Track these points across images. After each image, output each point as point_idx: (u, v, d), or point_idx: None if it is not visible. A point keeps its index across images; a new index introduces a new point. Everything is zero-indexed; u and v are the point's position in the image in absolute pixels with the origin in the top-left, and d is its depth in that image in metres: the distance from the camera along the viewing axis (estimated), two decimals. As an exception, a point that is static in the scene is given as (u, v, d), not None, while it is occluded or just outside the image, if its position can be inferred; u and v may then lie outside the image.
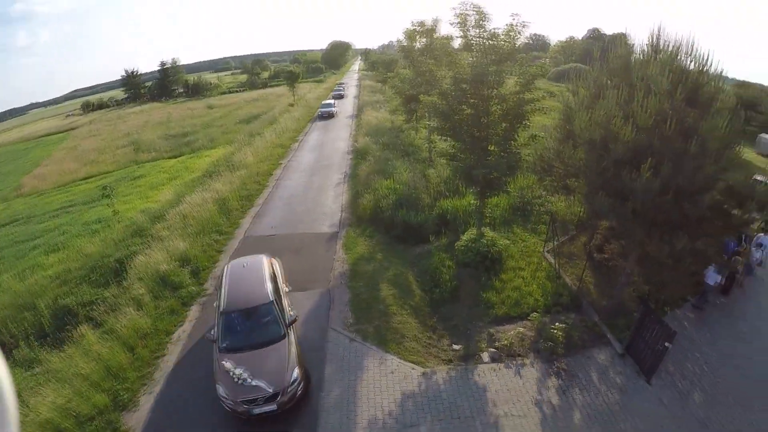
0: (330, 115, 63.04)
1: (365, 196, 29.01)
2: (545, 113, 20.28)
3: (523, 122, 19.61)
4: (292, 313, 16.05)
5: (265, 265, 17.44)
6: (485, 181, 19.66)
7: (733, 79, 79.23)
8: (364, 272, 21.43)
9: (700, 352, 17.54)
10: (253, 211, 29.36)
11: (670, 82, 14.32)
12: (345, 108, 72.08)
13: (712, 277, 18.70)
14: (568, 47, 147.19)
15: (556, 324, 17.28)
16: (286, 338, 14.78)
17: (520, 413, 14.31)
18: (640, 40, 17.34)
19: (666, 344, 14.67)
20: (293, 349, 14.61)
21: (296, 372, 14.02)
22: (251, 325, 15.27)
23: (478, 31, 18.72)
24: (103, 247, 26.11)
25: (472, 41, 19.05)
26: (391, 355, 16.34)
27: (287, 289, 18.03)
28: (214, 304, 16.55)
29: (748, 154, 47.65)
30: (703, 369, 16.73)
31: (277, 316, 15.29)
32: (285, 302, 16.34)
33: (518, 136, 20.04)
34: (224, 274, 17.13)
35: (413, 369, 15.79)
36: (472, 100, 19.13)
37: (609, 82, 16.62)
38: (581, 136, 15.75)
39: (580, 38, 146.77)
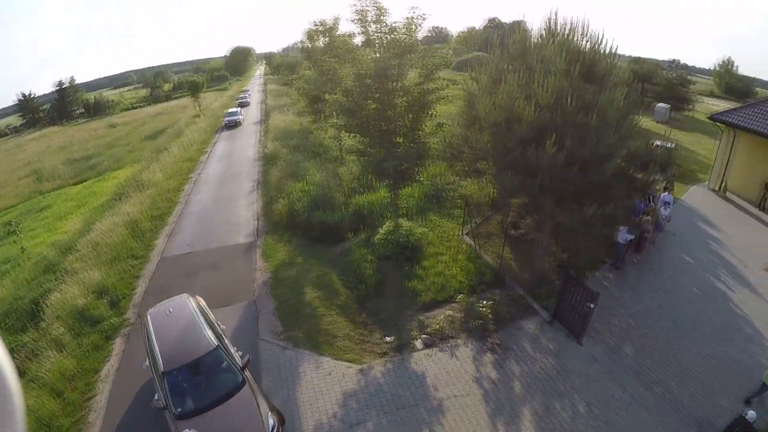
0: (236, 124, 61.50)
1: (279, 201, 28.48)
2: (450, 101, 20.74)
3: (428, 112, 19.88)
4: (239, 352, 14.25)
5: (193, 305, 15.35)
6: (396, 173, 19.81)
7: (629, 56, 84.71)
8: (286, 278, 21.11)
9: (625, 307, 18.83)
10: (166, 230, 28.21)
11: (566, 61, 15.06)
12: (251, 114, 70.78)
13: (622, 236, 19.83)
14: (469, 37, 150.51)
15: (483, 302, 17.74)
16: (247, 384, 13.06)
17: (462, 393, 14.63)
18: (537, 25, 18.21)
19: (590, 305, 15.55)
20: (258, 394, 13.05)
21: (271, 419, 12.34)
22: (203, 380, 13.30)
23: (377, 26, 18.81)
24: (14, 289, 24.20)
25: (372, 36, 19.16)
26: (325, 357, 16.19)
27: (223, 327, 16.12)
28: (144, 365, 14.39)
29: (646, 122, 51.00)
30: (629, 323, 17.98)
31: (228, 362, 13.45)
32: (227, 343, 14.46)
33: (424, 125, 20.34)
34: (148, 327, 14.59)
35: (350, 367, 15.72)
36: (376, 95, 19.15)
37: (509, 66, 17.15)
38: (486, 119, 16.21)
39: (480, 28, 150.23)
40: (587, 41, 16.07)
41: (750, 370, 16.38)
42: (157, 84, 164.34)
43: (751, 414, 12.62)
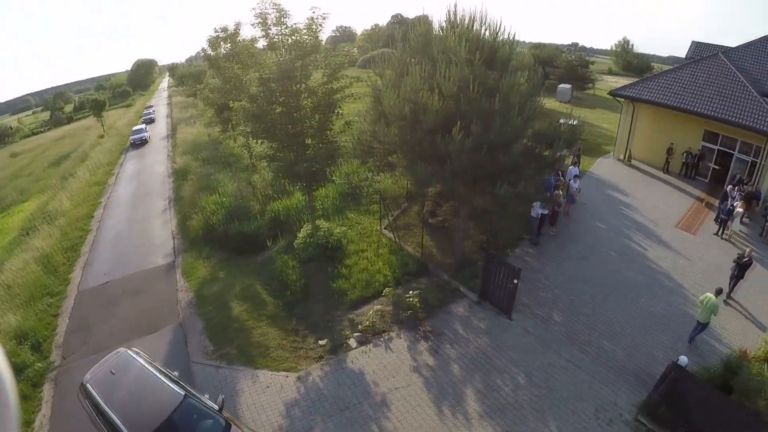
0: (143, 141, 59.01)
1: (194, 217, 27.80)
2: (357, 99, 20.77)
3: (336, 111, 19.82)
4: (206, 395, 13.11)
5: (138, 358, 13.66)
6: (309, 175, 19.65)
7: (530, 43, 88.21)
8: (210, 295, 20.57)
9: (548, 278, 19.67)
10: (81, 262, 26.70)
11: (468, 50, 15.44)
12: (158, 130, 68.34)
13: (536, 211, 20.70)
14: (374, 35, 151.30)
15: (410, 292, 17.89)
16: (233, 426, 11.95)
17: (403, 384, 14.77)
18: (439, 18, 18.55)
19: (514, 281, 16.21)
20: (248, 430, 12.24)
21: None
22: None
23: (279, 28, 18.58)
24: None
25: (275, 39, 18.87)
26: (262, 370, 15.88)
27: (175, 373, 14.05)
28: None
29: (551, 103, 53.25)
30: (555, 293, 18.84)
31: (203, 408, 12.15)
32: (191, 389, 13.03)
33: (333, 125, 20.26)
34: (93, 396, 12.40)
35: (287, 377, 15.50)
36: (282, 98, 18.93)
37: (413, 60, 17.40)
38: (392, 113, 16.43)
39: (385, 25, 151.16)
40: (486, 30, 16.69)
41: (676, 319, 17.64)
42: (58, 106, 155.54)
43: (682, 359, 13.42)
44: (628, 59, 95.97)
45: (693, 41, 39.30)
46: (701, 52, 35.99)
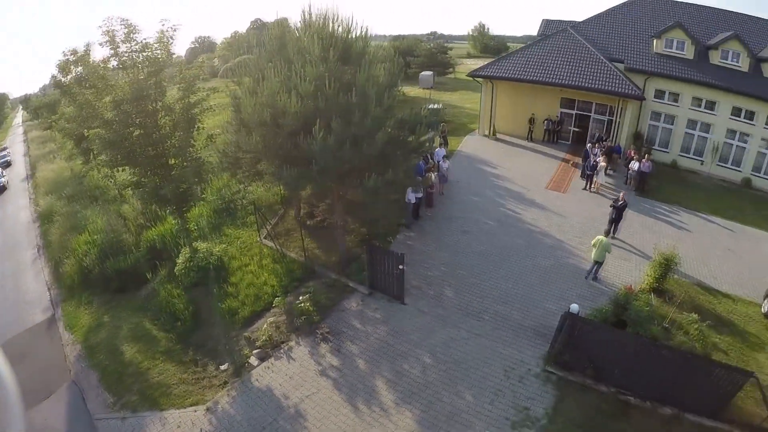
0: (2, 189, 54.28)
1: (66, 261, 25.57)
2: (219, 111, 20.11)
3: (196, 126, 19.08)
4: None
5: None
6: (177, 197, 18.86)
7: (390, 36, 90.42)
8: (99, 343, 19.24)
9: (433, 258, 20.16)
10: (-51, 335, 24.12)
11: (322, 48, 15.54)
12: (17, 172, 62.56)
13: (410, 196, 21.17)
14: (234, 42, 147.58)
15: (301, 297, 17.68)
16: None
17: (313, 390, 14.58)
18: (296, 20, 18.46)
19: (400, 267, 16.48)
20: None
21: None
22: None
23: (129, 45, 17.55)
24: None
25: (124, 57, 17.76)
26: (168, 411, 15.07)
27: None
28: None
29: (414, 91, 55.08)
30: (442, 270, 19.37)
31: None
32: None
33: (195, 141, 19.51)
34: None
35: (196, 411, 14.80)
36: (138, 120, 17.99)
37: (270, 64, 17.10)
38: (252, 120, 16.20)
39: (245, 31, 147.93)
40: (339, 27, 16.81)
41: (562, 272, 18.99)
42: None
43: (573, 307, 14.32)
44: (485, 42, 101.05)
45: (543, 19, 42.51)
46: (551, 28, 39.02)
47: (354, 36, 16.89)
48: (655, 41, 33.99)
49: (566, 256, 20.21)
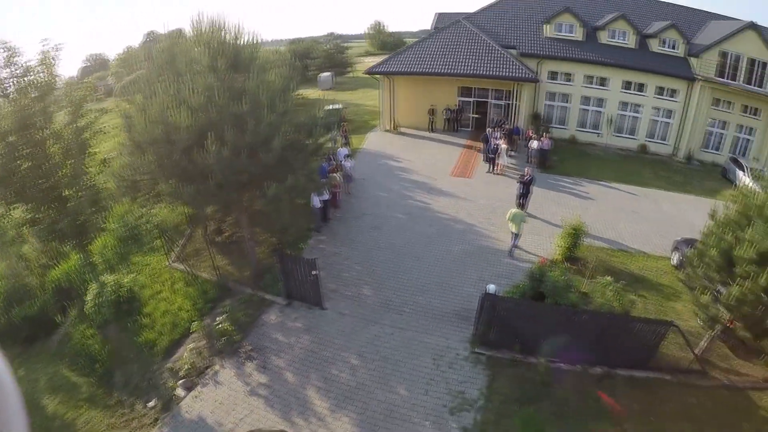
0: None
1: (-34, 317, 23.64)
2: (111, 134, 19.09)
3: (87, 151, 18.02)
4: None
5: None
6: (76, 230, 17.80)
7: (287, 39, 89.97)
8: (18, 401, 17.67)
9: (347, 258, 19.95)
10: None
11: (211, 58, 14.95)
12: None
13: (316, 201, 20.77)
14: (129, 58, 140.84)
15: (218, 318, 16.97)
16: None
17: (246, 412, 14.03)
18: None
19: (314, 272, 16.22)
20: None
21: None
22: None
23: (10, 69, 16.30)
24: None
25: (5, 84, 16.47)
26: (104, 461, 13.98)
27: None
28: None
29: (315, 93, 54.74)
30: (357, 269, 19.22)
31: None
32: None
33: (88, 167, 18.42)
34: None
35: (132, 455, 13.83)
36: (26, 151, 16.77)
37: (159, 78, 16.28)
38: (144, 139, 15.36)
39: (138, 45, 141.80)
40: (226, 34, 16.07)
41: (476, 254, 19.29)
42: None
43: (490, 287, 14.67)
44: (382, 39, 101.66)
45: (437, 12, 43.70)
46: (445, 21, 40.03)
47: (243, 42, 16.33)
48: (545, 26, 35.95)
49: (478, 238, 20.63)
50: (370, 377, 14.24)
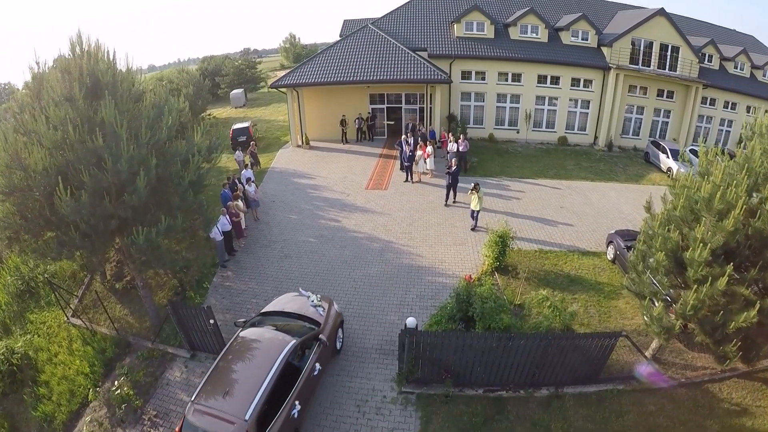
0: None
1: None
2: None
3: None
4: None
5: None
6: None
7: (198, 58, 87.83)
8: None
9: (256, 294, 17.76)
10: None
11: (68, 87, 12.55)
12: None
13: (216, 233, 18.58)
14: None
15: (116, 382, 14.52)
16: None
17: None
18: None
19: (211, 321, 14.08)
20: None
21: None
22: None
23: None
24: None
25: None
26: None
27: None
28: None
29: (227, 111, 52.49)
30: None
31: None
32: None
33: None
34: None
35: None
36: None
37: (18, 114, 13.66)
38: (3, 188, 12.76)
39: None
40: (85, 57, 13.31)
41: (396, 275, 17.74)
42: None
43: (410, 321, 12.73)
44: (297, 52, 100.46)
45: (344, 20, 42.38)
46: (353, 28, 38.38)
47: (105, 65, 13.39)
48: (455, 26, 35.38)
49: (397, 257, 18.96)
50: (286, 436, 12.15)
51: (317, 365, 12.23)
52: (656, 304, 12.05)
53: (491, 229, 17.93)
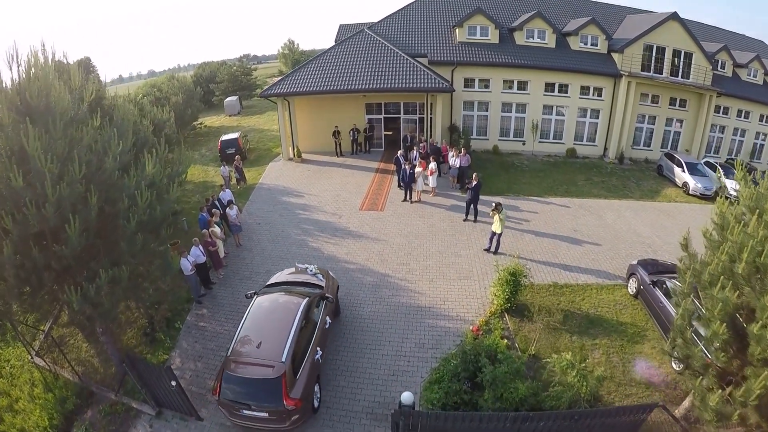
0: None
1: None
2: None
3: None
4: None
5: None
6: None
7: (196, 64, 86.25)
8: None
9: (232, 337, 15.18)
10: None
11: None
12: None
13: (185, 266, 16.51)
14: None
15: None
16: None
17: None
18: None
19: (173, 383, 11.90)
20: None
21: None
22: None
23: None
24: None
25: None
26: None
27: None
28: None
29: (221, 120, 50.54)
30: None
31: None
32: None
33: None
34: None
35: None
36: None
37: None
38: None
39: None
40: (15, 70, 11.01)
41: (392, 316, 15.76)
42: None
43: (405, 396, 10.29)
44: (295, 58, 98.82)
45: (340, 24, 41.04)
46: (348, 33, 36.47)
47: (40, 83, 10.78)
48: (457, 30, 33.49)
49: (393, 294, 16.66)
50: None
51: (327, 318, 13.83)
52: (706, 379, 9.38)
53: (500, 266, 15.66)
